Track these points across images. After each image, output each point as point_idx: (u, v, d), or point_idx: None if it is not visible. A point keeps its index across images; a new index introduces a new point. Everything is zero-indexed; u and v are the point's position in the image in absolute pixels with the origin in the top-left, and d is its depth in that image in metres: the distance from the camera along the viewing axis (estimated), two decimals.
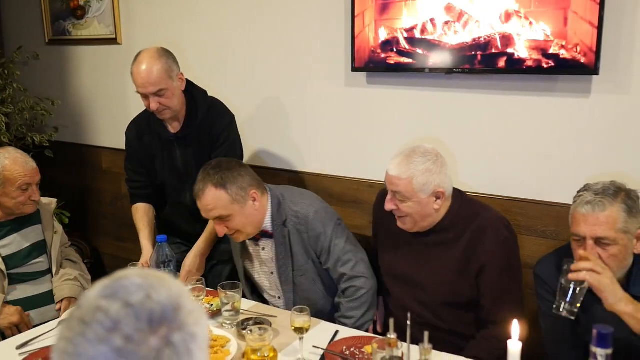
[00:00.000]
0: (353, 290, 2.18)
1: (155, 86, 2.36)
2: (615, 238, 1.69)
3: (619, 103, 2.25)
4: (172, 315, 0.76)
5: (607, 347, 1.23)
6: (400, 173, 2.00)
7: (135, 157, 2.68)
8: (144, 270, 0.84)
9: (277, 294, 2.32)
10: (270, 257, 2.28)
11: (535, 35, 2.28)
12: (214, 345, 1.88)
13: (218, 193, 2.09)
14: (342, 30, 2.77)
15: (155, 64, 2.37)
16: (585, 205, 1.71)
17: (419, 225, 2.07)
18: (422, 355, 1.51)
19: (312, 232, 2.19)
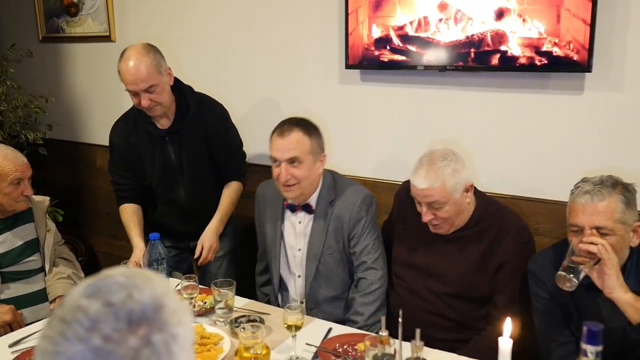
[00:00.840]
0: (366, 283, 2.22)
1: (145, 82, 2.33)
2: (613, 228, 1.70)
3: (611, 100, 2.26)
4: (152, 315, 0.76)
5: (597, 344, 1.23)
6: (432, 183, 2.01)
7: (122, 160, 2.64)
8: (130, 269, 0.84)
9: (299, 272, 2.34)
10: (302, 232, 2.31)
11: (528, 33, 2.28)
12: (206, 342, 1.88)
13: (303, 138, 2.18)
14: (336, 28, 2.77)
15: (144, 60, 2.34)
16: (584, 195, 1.72)
17: (455, 225, 2.11)
18: (413, 353, 1.51)
19: (355, 215, 2.23)
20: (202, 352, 1.83)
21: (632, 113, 2.23)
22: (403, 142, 2.71)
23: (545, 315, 1.92)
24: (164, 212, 2.67)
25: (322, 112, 2.88)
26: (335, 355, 1.83)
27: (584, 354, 1.24)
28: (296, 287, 2.35)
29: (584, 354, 1.24)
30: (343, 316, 2.28)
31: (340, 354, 1.85)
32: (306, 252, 2.30)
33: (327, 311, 2.29)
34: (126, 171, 2.64)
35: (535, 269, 1.96)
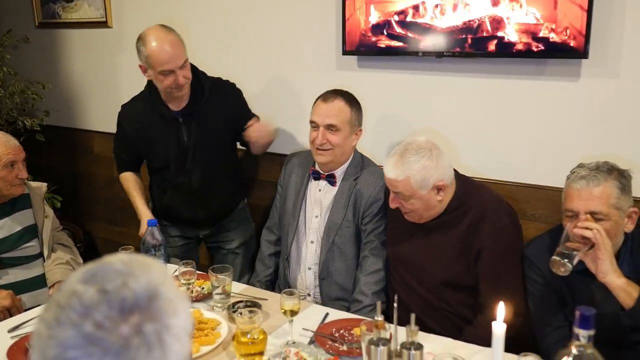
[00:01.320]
0: (370, 262, 2.29)
1: (182, 58, 2.37)
2: (608, 213, 1.71)
3: (608, 86, 2.26)
4: (146, 304, 0.76)
5: (590, 328, 1.24)
6: (397, 175, 2.01)
7: (129, 145, 2.65)
8: (131, 256, 0.84)
9: (312, 238, 2.39)
10: (322, 199, 2.39)
11: (525, 19, 2.28)
12: (204, 327, 1.90)
13: (345, 107, 2.29)
14: (333, 14, 2.76)
15: (173, 38, 2.38)
16: (580, 180, 1.73)
17: (425, 217, 2.12)
18: (408, 337, 1.52)
19: (375, 195, 2.32)
20: (200, 337, 1.85)
21: (628, 99, 2.23)
22: (400, 128, 2.71)
23: (540, 300, 1.94)
24: (173, 198, 2.67)
25: None
26: (331, 340, 1.85)
27: (576, 338, 1.25)
28: (307, 253, 2.40)
29: (576, 338, 1.25)
30: (352, 289, 2.33)
31: (337, 338, 1.86)
32: (325, 222, 2.36)
33: (337, 282, 2.34)
34: (131, 154, 2.68)
35: (530, 254, 1.97)
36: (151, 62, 2.36)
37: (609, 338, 1.81)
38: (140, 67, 2.45)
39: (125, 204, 3.77)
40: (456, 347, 1.77)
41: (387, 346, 1.52)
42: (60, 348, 0.73)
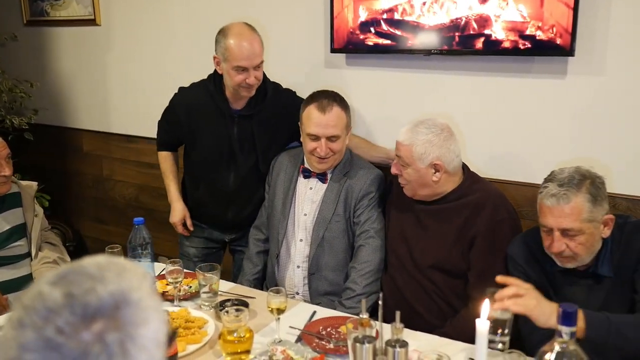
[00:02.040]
0: (365, 251, 2.30)
1: (259, 57, 2.37)
2: (580, 228, 1.72)
3: (593, 84, 2.27)
4: (110, 311, 0.74)
5: (572, 325, 1.25)
6: (404, 139, 2.14)
7: (175, 129, 2.64)
8: (111, 258, 0.82)
9: (301, 236, 2.39)
10: (311, 198, 2.38)
11: (511, 17, 2.28)
12: (191, 326, 1.89)
13: (342, 114, 2.29)
14: (321, 11, 2.76)
15: (256, 36, 2.38)
16: (551, 198, 1.74)
17: (418, 193, 2.18)
18: (394, 335, 1.53)
19: (365, 188, 2.33)
20: (187, 336, 1.84)
21: (614, 97, 2.25)
22: (388, 126, 2.72)
23: None
24: (205, 194, 2.64)
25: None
26: (318, 338, 1.85)
27: (559, 334, 1.26)
28: (296, 251, 2.40)
29: (559, 335, 1.26)
30: (342, 282, 2.34)
31: (324, 336, 1.87)
32: (315, 217, 2.36)
33: (327, 278, 2.34)
34: (173, 136, 2.69)
35: (513, 253, 1.98)
36: (228, 56, 2.35)
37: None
38: (214, 59, 2.45)
39: (114, 204, 3.78)
40: (442, 345, 1.78)
41: (373, 344, 1.52)
42: (19, 350, 0.71)
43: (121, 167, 3.70)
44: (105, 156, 3.76)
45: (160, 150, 2.76)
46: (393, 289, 2.25)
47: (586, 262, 1.81)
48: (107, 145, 3.72)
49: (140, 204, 3.67)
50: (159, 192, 3.54)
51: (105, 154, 3.75)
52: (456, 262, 2.13)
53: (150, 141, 3.50)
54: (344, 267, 2.35)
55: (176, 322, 1.90)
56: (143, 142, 3.54)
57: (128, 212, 3.65)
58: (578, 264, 1.80)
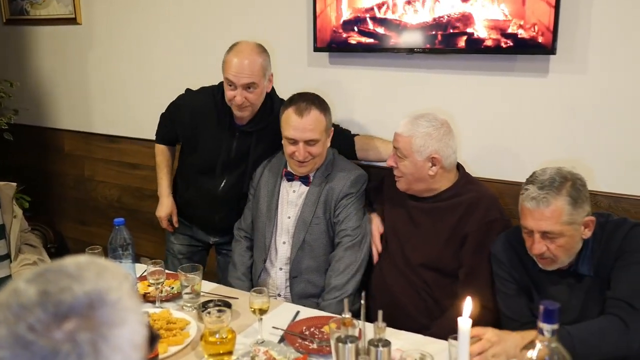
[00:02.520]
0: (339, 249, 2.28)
1: (248, 78, 2.32)
2: (560, 231, 1.72)
3: (575, 82, 2.28)
4: (84, 310, 0.73)
5: (553, 322, 1.25)
6: (404, 131, 2.15)
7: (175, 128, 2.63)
8: (92, 259, 0.81)
9: (284, 239, 2.37)
10: (295, 200, 2.36)
11: (494, 15, 2.29)
12: (173, 327, 1.87)
13: (320, 117, 2.24)
14: (304, 10, 2.75)
15: (254, 57, 2.34)
16: (531, 201, 1.74)
17: (412, 187, 2.19)
18: (376, 334, 1.52)
19: (345, 190, 2.31)
20: (168, 337, 1.82)
21: (595, 95, 2.26)
22: (371, 125, 2.71)
23: (508, 297, 1.96)
24: (194, 196, 2.63)
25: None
26: (301, 338, 1.84)
27: (540, 332, 1.25)
28: (278, 254, 2.38)
29: (540, 332, 1.25)
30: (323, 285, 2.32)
31: (307, 336, 1.85)
32: (296, 220, 2.34)
33: (309, 280, 2.33)
34: (172, 133, 2.67)
35: (496, 251, 1.99)
36: (223, 66, 2.38)
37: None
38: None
39: (96, 204, 3.74)
40: (425, 344, 1.77)
41: (355, 343, 1.51)
42: None
43: (103, 167, 3.66)
44: (86, 156, 3.72)
45: (158, 143, 2.74)
46: (382, 285, 2.26)
47: (566, 263, 1.82)
48: (89, 145, 3.68)
49: (123, 204, 3.63)
50: (142, 193, 3.51)
51: (86, 155, 3.71)
52: (448, 261, 2.13)
53: (132, 141, 3.48)
54: (326, 269, 2.34)
55: (158, 323, 1.88)
56: (125, 142, 3.51)
57: (110, 213, 3.61)
58: (558, 266, 1.81)
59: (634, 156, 2.23)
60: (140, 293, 2.14)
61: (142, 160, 3.41)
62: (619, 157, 2.25)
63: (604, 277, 1.79)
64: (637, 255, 1.76)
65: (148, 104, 3.39)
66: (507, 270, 1.94)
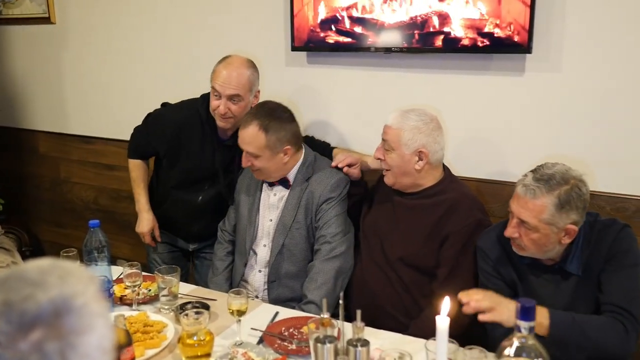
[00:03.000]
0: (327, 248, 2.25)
1: (234, 89, 2.35)
2: (536, 226, 1.73)
3: (551, 81, 2.30)
4: (50, 319, 0.71)
5: (530, 319, 1.25)
6: (393, 123, 2.15)
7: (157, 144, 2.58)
8: (55, 262, 0.78)
9: (265, 242, 2.36)
10: (276, 204, 2.35)
11: (470, 14, 2.30)
12: (149, 330, 1.85)
13: (259, 134, 2.21)
14: (281, 9, 2.73)
15: (242, 70, 2.38)
16: (522, 187, 1.75)
17: (399, 181, 2.18)
18: (355, 333, 1.52)
19: (326, 194, 2.29)
20: (145, 340, 1.80)
21: (570, 93, 2.28)
22: (349, 124, 2.71)
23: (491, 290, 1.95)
24: (172, 207, 2.63)
25: (269, 95, 2.83)
26: (280, 339, 1.83)
27: (517, 329, 1.26)
28: (258, 256, 2.36)
29: (517, 330, 1.26)
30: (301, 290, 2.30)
31: (286, 337, 1.84)
32: (277, 223, 2.32)
33: (287, 285, 2.31)
34: (152, 149, 2.62)
35: (483, 245, 1.99)
36: (212, 75, 2.41)
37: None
38: None
39: (72, 206, 3.69)
40: (404, 343, 1.77)
41: (334, 344, 1.51)
42: None
43: (79, 168, 3.61)
44: (62, 158, 3.66)
45: (133, 158, 2.68)
46: (361, 282, 2.25)
47: (539, 256, 1.83)
48: (64, 146, 3.63)
49: (99, 206, 3.59)
50: (118, 194, 3.47)
51: (62, 156, 3.66)
52: (426, 258, 2.13)
53: (108, 142, 3.44)
54: (305, 274, 2.32)
55: (134, 326, 1.85)
56: (101, 143, 3.47)
57: (87, 215, 3.56)
58: (527, 254, 1.83)
59: (608, 154, 2.26)
60: (117, 296, 2.12)
61: (118, 161, 3.37)
62: (594, 155, 2.28)
63: (592, 277, 1.80)
64: (628, 257, 1.78)
65: (124, 104, 3.36)
66: (492, 265, 1.94)
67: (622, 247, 1.78)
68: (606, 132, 2.26)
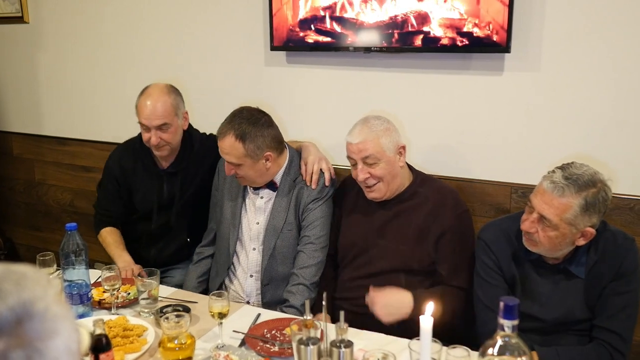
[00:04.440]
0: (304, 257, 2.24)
1: (160, 119, 2.35)
2: (557, 224, 1.72)
3: (529, 80, 2.32)
4: (12, 327, 0.68)
5: (513, 318, 1.25)
6: (366, 137, 2.09)
7: (113, 188, 2.59)
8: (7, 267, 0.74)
9: (254, 245, 2.33)
10: (263, 207, 2.32)
11: (449, 14, 2.30)
12: (129, 335, 1.82)
13: (236, 144, 2.17)
14: (260, 8, 2.71)
15: (163, 98, 2.38)
16: (550, 184, 1.73)
17: (390, 188, 2.14)
18: (338, 335, 1.51)
19: (314, 195, 2.27)
20: (125, 345, 1.77)
21: (549, 93, 2.30)
22: (329, 124, 2.70)
23: (488, 285, 1.93)
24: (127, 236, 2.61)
25: (248, 95, 2.83)
26: (262, 341, 1.81)
27: (501, 328, 1.26)
28: (249, 260, 2.33)
29: (501, 329, 1.26)
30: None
31: (268, 339, 1.83)
32: (265, 226, 2.30)
33: (281, 287, 2.28)
34: (117, 199, 2.60)
35: (486, 238, 1.96)
36: (136, 111, 2.40)
37: (557, 328, 1.86)
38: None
39: (47, 209, 3.62)
40: (387, 343, 1.77)
41: (317, 345, 1.50)
42: None
43: (54, 170, 3.55)
44: (37, 160, 3.60)
45: (104, 227, 2.60)
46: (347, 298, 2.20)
47: (549, 254, 1.82)
48: (39, 148, 3.57)
49: (76, 208, 3.53)
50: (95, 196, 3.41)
51: (37, 158, 3.59)
52: (421, 259, 2.11)
53: (84, 143, 3.39)
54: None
55: (114, 330, 1.82)
56: (77, 145, 3.41)
57: (63, 218, 3.51)
58: (538, 251, 1.81)
59: (586, 152, 2.28)
60: (96, 300, 2.08)
61: (94, 162, 3.32)
62: (572, 153, 2.30)
63: (595, 285, 1.81)
64: (633, 280, 1.80)
65: (100, 104, 3.31)
66: (494, 260, 1.92)
67: (630, 267, 1.80)
68: (584, 131, 2.28)
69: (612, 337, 1.78)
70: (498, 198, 2.45)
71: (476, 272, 2.00)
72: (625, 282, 1.80)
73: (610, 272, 1.80)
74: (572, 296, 1.84)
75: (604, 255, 1.81)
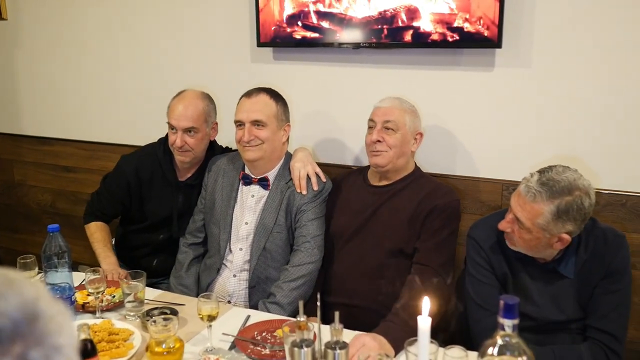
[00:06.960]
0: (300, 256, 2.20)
1: (188, 122, 2.34)
2: (530, 228, 1.71)
3: (520, 76, 2.30)
4: (26, 328, 0.66)
5: (514, 317, 1.23)
6: (394, 105, 2.19)
7: (121, 194, 2.52)
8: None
9: (241, 245, 2.29)
10: (253, 206, 2.29)
11: (439, 9, 2.27)
12: (115, 339, 1.76)
13: (270, 101, 2.23)
14: (246, 4, 2.67)
15: (196, 102, 2.37)
16: (524, 187, 1.73)
17: (393, 162, 2.17)
18: (333, 336, 1.46)
19: (307, 198, 2.24)
20: (111, 350, 1.71)
21: (540, 88, 2.28)
22: (317, 121, 2.67)
23: (481, 284, 1.91)
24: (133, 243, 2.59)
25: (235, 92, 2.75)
26: (253, 344, 1.77)
27: (501, 327, 1.24)
28: (235, 260, 2.29)
29: (501, 328, 1.24)
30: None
31: (259, 342, 1.78)
32: (255, 227, 2.26)
33: (268, 290, 2.23)
34: (117, 203, 2.55)
35: (476, 235, 1.95)
36: (167, 112, 2.40)
37: (549, 326, 1.84)
38: None
39: (28, 211, 3.54)
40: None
41: (311, 347, 1.45)
42: None
43: (35, 171, 3.47)
44: (16, 160, 3.51)
45: (94, 221, 2.56)
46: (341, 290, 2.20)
47: (530, 254, 1.82)
48: (18, 148, 3.48)
49: (57, 210, 3.45)
50: (77, 197, 3.35)
51: (16, 158, 3.51)
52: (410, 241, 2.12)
53: (66, 143, 3.31)
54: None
55: (99, 335, 1.76)
56: (58, 144, 3.34)
57: (44, 219, 3.42)
58: (518, 250, 1.81)
59: (577, 148, 2.27)
60: (79, 303, 2.01)
61: (76, 162, 3.25)
62: (563, 149, 2.29)
63: (586, 284, 1.80)
64: (624, 278, 1.79)
65: (81, 103, 3.24)
66: (485, 257, 1.90)
67: (620, 266, 1.79)
68: (575, 127, 2.27)
69: (606, 337, 1.77)
70: (489, 195, 2.43)
71: (467, 270, 1.98)
72: (616, 280, 1.79)
73: (601, 270, 1.79)
74: (564, 295, 1.83)
75: (593, 253, 1.80)
